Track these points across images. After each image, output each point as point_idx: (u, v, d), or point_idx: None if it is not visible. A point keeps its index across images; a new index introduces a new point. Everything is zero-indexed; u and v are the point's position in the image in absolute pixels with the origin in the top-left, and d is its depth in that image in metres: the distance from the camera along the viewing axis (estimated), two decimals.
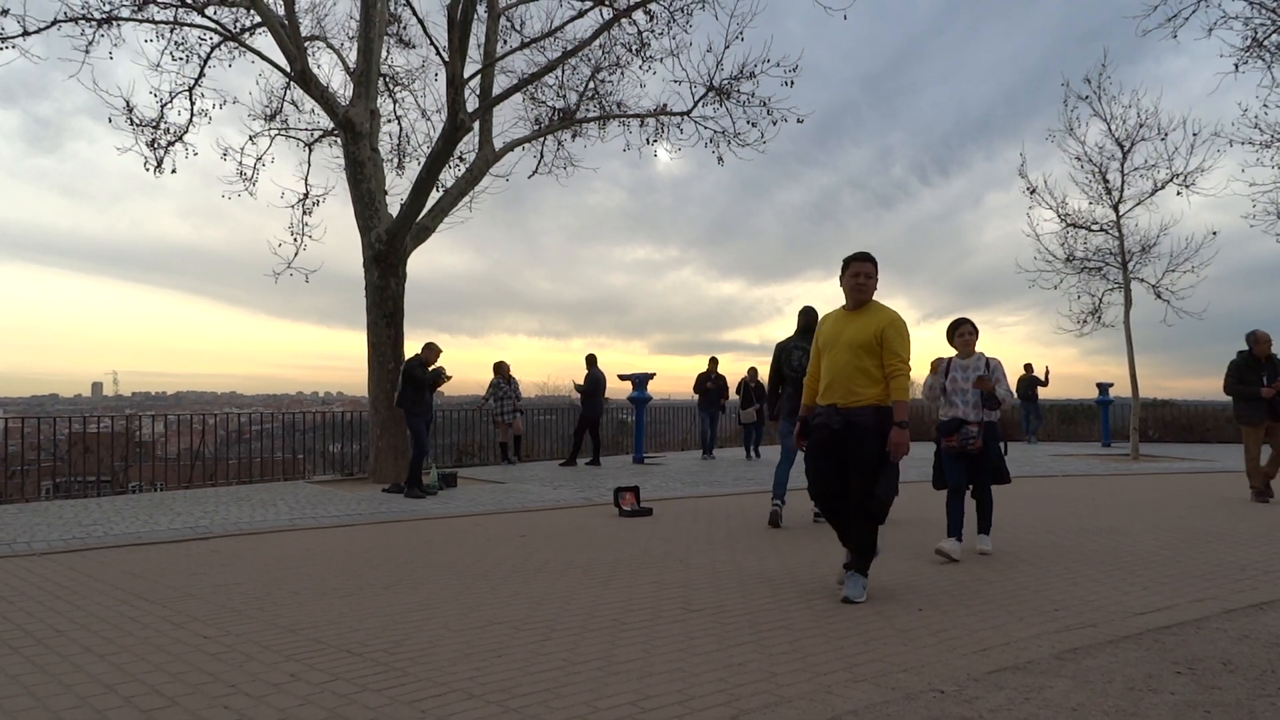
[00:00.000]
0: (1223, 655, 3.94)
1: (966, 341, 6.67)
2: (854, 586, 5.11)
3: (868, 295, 5.28)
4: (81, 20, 12.30)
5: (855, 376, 5.10)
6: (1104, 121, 16.24)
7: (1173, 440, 21.47)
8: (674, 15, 13.71)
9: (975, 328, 6.72)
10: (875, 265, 5.28)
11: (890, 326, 5.13)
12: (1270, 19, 13.13)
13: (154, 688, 3.60)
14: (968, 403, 6.52)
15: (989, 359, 6.61)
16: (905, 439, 4.98)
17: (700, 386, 16.78)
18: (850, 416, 5.09)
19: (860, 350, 5.11)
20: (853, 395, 5.10)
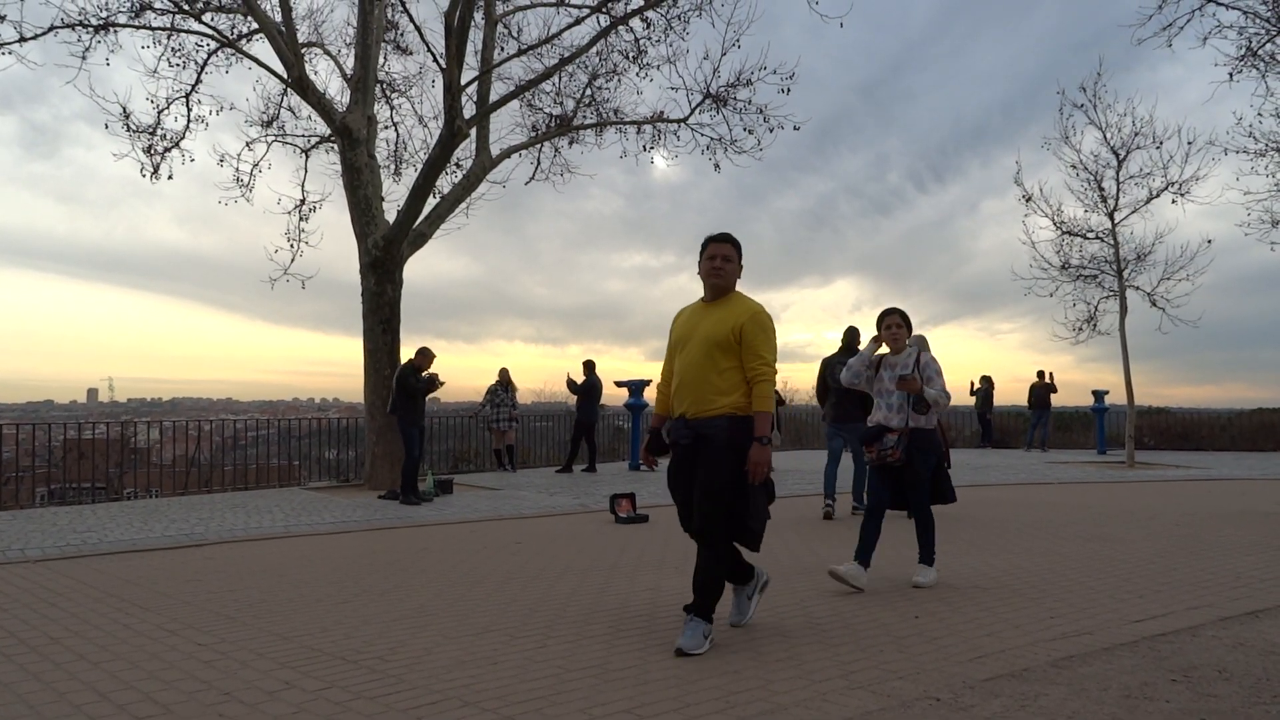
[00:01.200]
0: (1218, 663, 3.94)
1: (895, 335, 5.87)
2: (691, 634, 4.14)
3: (728, 283, 4.43)
4: (78, 26, 12.31)
5: (708, 381, 4.24)
6: (1099, 130, 16.30)
7: (1168, 448, 21.51)
8: (671, 22, 13.76)
9: (907, 319, 5.93)
10: (737, 248, 4.44)
11: (752, 320, 4.26)
12: (1264, 28, 13.20)
13: (148, 695, 3.59)
14: (892, 406, 5.76)
15: (921, 355, 5.82)
16: (766, 457, 4.19)
17: None
18: (700, 429, 4.25)
19: (715, 349, 4.26)
20: (704, 404, 4.25)
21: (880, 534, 5.67)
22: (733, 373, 4.26)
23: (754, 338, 4.25)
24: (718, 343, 4.26)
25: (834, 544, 7.35)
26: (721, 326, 4.28)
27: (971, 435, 22.94)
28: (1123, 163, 16.21)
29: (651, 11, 13.29)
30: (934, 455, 5.78)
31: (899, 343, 5.88)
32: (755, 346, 4.24)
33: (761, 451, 4.19)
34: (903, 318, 5.90)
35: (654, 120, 14.70)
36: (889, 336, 5.87)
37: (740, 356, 4.26)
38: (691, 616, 4.23)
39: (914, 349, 5.85)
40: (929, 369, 5.75)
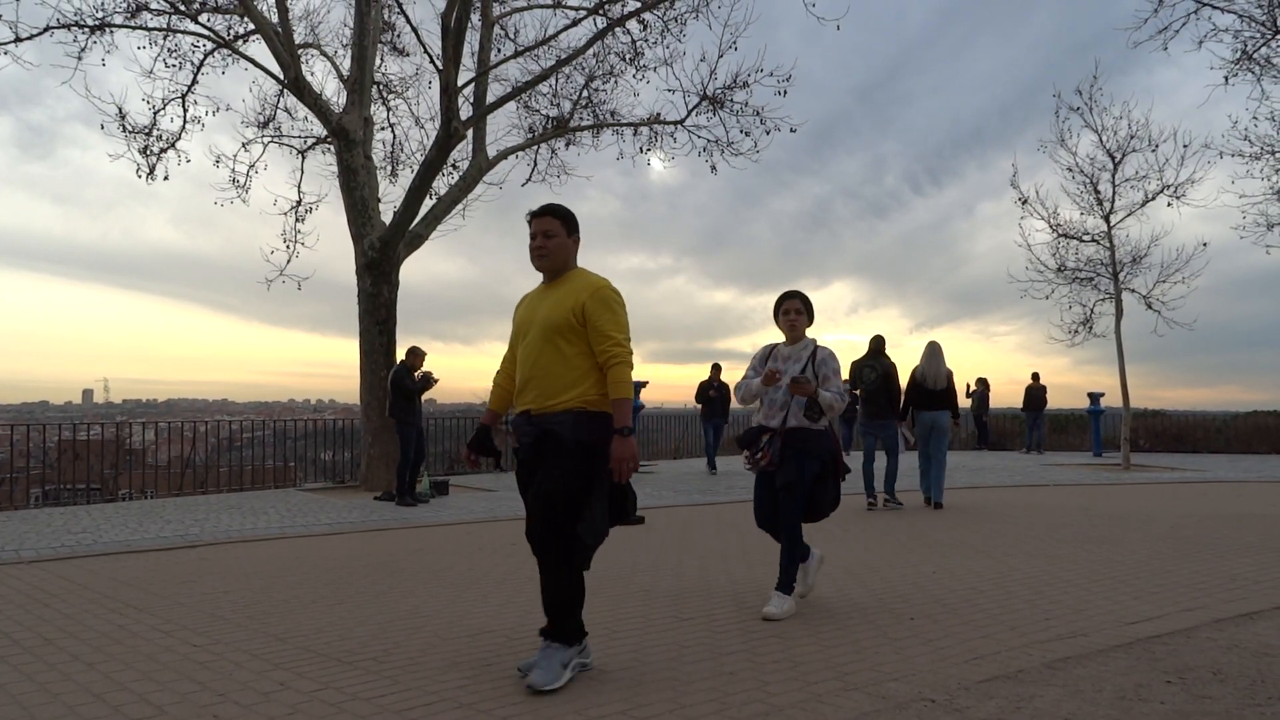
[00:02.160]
0: (1213, 665, 3.95)
1: (793, 323, 5.14)
2: (546, 667, 3.61)
3: (557, 262, 3.89)
4: (74, 26, 12.31)
5: (551, 372, 3.73)
6: (1095, 133, 16.36)
7: (1164, 450, 21.55)
8: (668, 24, 13.79)
9: (807, 305, 5.17)
10: (564, 222, 3.90)
11: (593, 298, 3.74)
12: (1259, 32, 13.24)
13: (142, 696, 3.58)
14: (774, 404, 5.03)
15: (820, 349, 5.09)
16: (631, 451, 3.63)
17: (702, 396, 15.62)
18: (545, 425, 3.72)
19: (556, 335, 3.74)
20: (548, 397, 3.73)
21: None
22: (580, 360, 3.74)
23: (598, 316, 3.72)
24: (557, 327, 3.73)
25: (829, 543, 7.36)
26: (560, 309, 3.75)
27: (968, 437, 22.97)
28: (1119, 166, 16.26)
29: (648, 13, 13.32)
30: (817, 461, 4.94)
31: (796, 332, 5.16)
32: (601, 326, 3.71)
33: (624, 446, 3.62)
34: (804, 303, 5.17)
35: (651, 122, 14.72)
36: (786, 324, 5.17)
37: (587, 341, 3.74)
38: (547, 643, 3.69)
39: (810, 342, 5.14)
40: (825, 366, 5.01)
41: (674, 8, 13.59)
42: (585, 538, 3.67)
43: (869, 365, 10.20)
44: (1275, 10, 13.06)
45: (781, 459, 4.91)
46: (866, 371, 10.20)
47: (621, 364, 3.71)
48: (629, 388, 3.72)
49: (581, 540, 3.67)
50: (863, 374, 10.21)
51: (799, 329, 5.16)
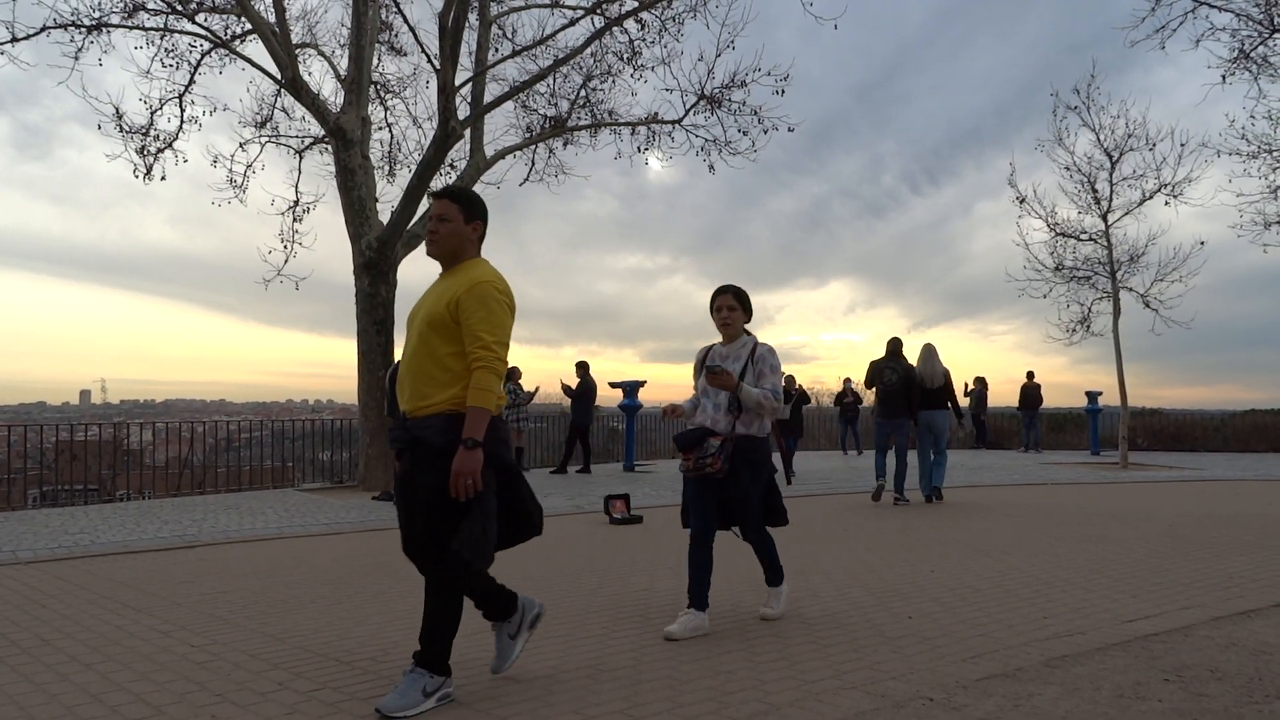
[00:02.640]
0: (1210, 663, 3.95)
1: (725, 320, 4.79)
2: (402, 691, 3.35)
3: (446, 249, 3.56)
4: (71, 27, 12.29)
5: (424, 371, 3.43)
6: (1093, 131, 16.38)
7: (1161, 449, 21.58)
8: (665, 24, 13.79)
9: (742, 300, 4.81)
10: (462, 207, 3.56)
11: (470, 293, 3.39)
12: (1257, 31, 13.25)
13: (140, 696, 3.57)
14: (719, 406, 4.69)
15: (760, 345, 4.74)
16: (473, 465, 3.27)
17: None
18: (415, 430, 3.42)
19: (431, 331, 3.43)
20: (420, 399, 3.43)
21: (713, 565, 4.67)
22: (455, 360, 3.41)
23: (470, 314, 3.37)
24: (433, 323, 3.42)
25: (827, 543, 7.36)
26: (439, 303, 3.44)
27: (965, 436, 22.99)
28: (1116, 165, 16.29)
29: (646, 13, 13.32)
30: (766, 469, 4.73)
31: (731, 329, 4.80)
32: (472, 325, 3.36)
33: (467, 459, 3.27)
34: (738, 298, 4.79)
35: (648, 121, 14.72)
36: (719, 322, 4.81)
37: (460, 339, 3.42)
38: (413, 667, 3.43)
39: (750, 340, 4.79)
40: (763, 363, 4.67)
41: (671, 7, 13.59)
42: (463, 553, 3.30)
43: (889, 366, 10.52)
44: (1272, 9, 13.08)
45: (733, 468, 4.56)
46: (887, 373, 10.52)
47: (486, 369, 3.34)
48: (490, 397, 3.34)
49: (459, 558, 3.31)
50: (883, 375, 10.53)
51: (734, 326, 4.78)
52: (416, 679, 3.38)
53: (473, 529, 3.34)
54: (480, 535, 3.37)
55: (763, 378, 4.66)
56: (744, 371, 4.65)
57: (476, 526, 3.35)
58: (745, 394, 4.55)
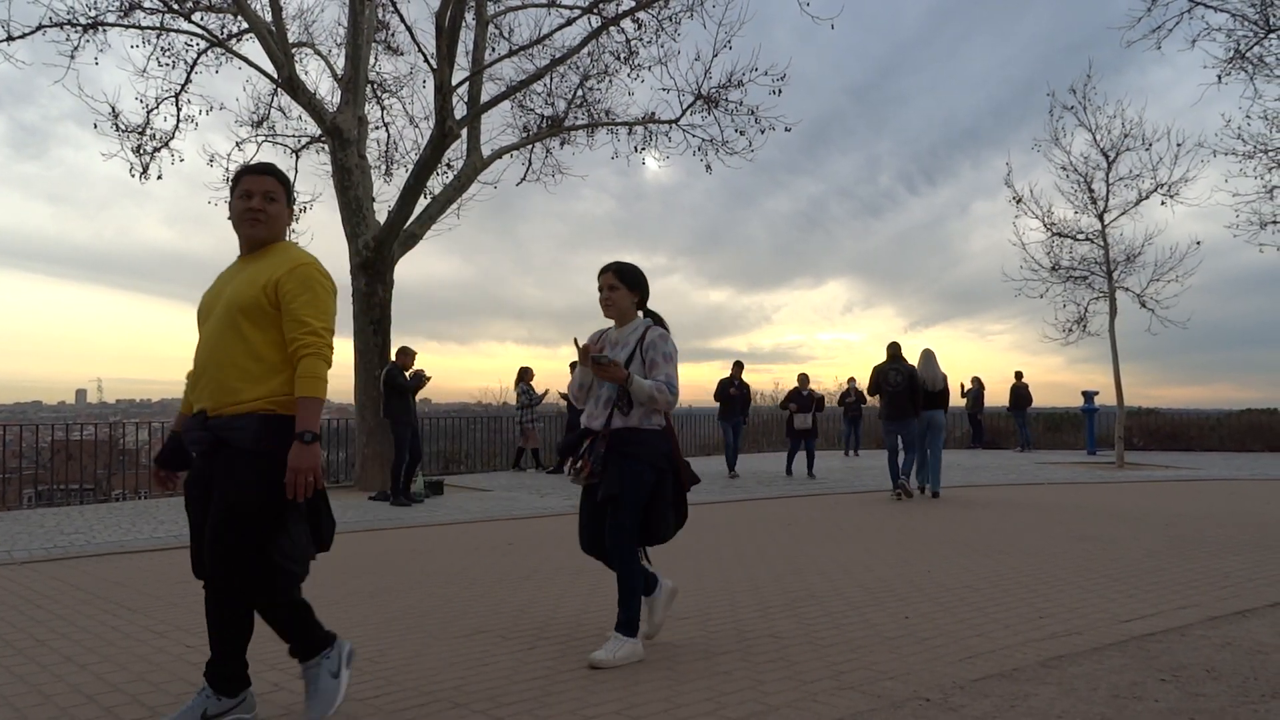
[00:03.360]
0: (1206, 662, 3.96)
1: (606, 301, 4.20)
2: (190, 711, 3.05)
3: (263, 232, 3.19)
4: (67, 25, 12.27)
5: (233, 364, 3.02)
6: (1089, 131, 16.42)
7: (1157, 448, 21.62)
8: (662, 23, 13.78)
9: (626, 278, 4.20)
10: (286, 187, 3.26)
11: (292, 275, 3.08)
12: (1252, 31, 13.27)
13: (135, 698, 3.57)
14: (599, 401, 4.16)
15: (651, 330, 4.15)
16: (311, 461, 2.96)
17: (722, 393, 14.51)
18: (222, 432, 3.01)
19: (241, 318, 3.04)
20: (227, 395, 3.02)
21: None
22: (270, 350, 3.06)
23: (294, 298, 3.05)
24: (244, 308, 3.04)
25: (824, 543, 7.36)
26: (251, 287, 3.08)
27: (962, 436, 23.01)
28: (1112, 164, 16.32)
29: (643, 12, 13.31)
30: (650, 470, 4.03)
31: (615, 310, 4.21)
32: (296, 309, 3.04)
33: (304, 454, 2.94)
34: (620, 276, 4.19)
35: (645, 121, 14.71)
36: (601, 302, 4.22)
37: (281, 328, 3.07)
38: (204, 688, 3.11)
39: (644, 323, 4.22)
40: (653, 350, 4.08)
41: (668, 7, 13.58)
42: (285, 565, 3.00)
43: (894, 369, 11.05)
44: (1268, 9, 13.10)
45: (604, 466, 4.01)
46: (892, 375, 11.03)
47: (315, 356, 3.02)
48: (321, 385, 3.04)
49: (283, 569, 3.01)
50: (889, 376, 11.02)
51: (616, 307, 4.19)
52: (196, 706, 3.06)
53: (294, 537, 3.03)
54: (304, 543, 3.07)
55: (654, 368, 4.05)
56: (630, 359, 4.08)
57: (298, 534, 3.06)
58: (636, 387, 3.98)
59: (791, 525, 8.61)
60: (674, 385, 4.05)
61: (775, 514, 9.55)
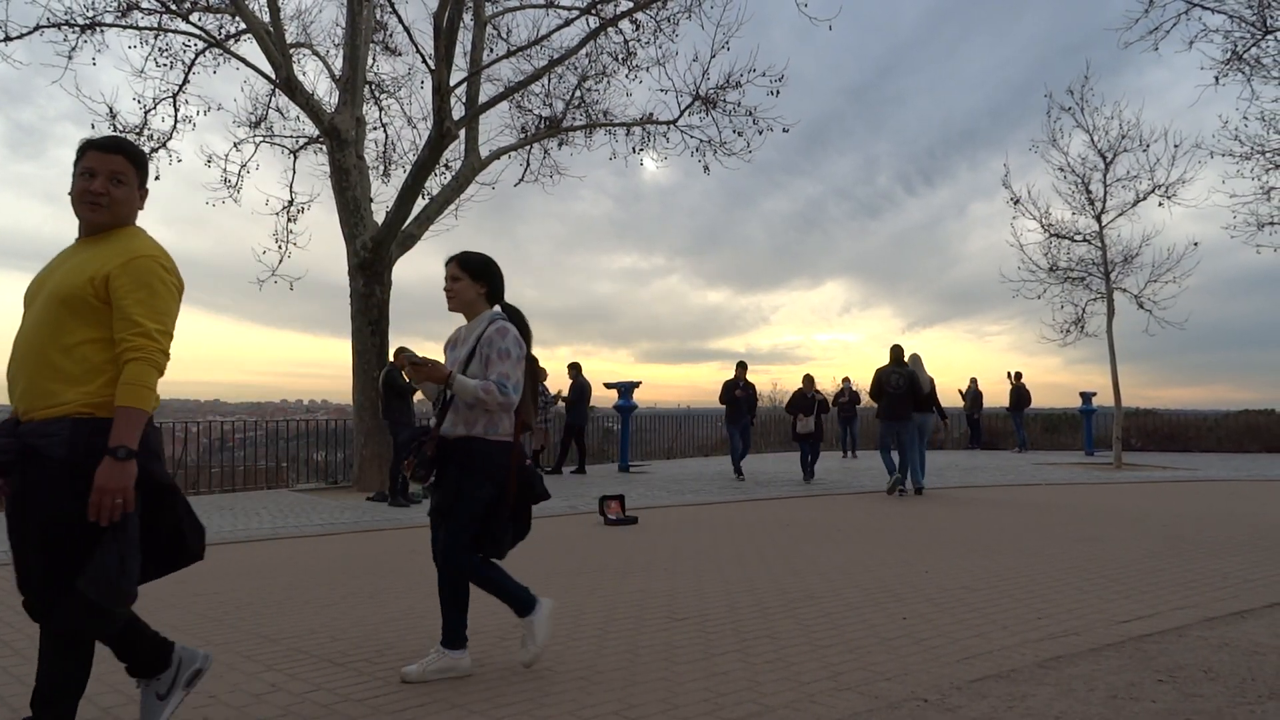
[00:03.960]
0: (1204, 663, 3.96)
1: (449, 292, 3.90)
2: None
3: (106, 217, 2.79)
4: (64, 26, 12.26)
5: (46, 360, 2.64)
6: (1087, 133, 16.44)
7: (1155, 449, 21.63)
8: (660, 25, 13.80)
9: (470, 268, 3.88)
10: (138, 169, 2.87)
11: (127, 267, 2.68)
12: (1249, 32, 13.28)
13: (132, 698, 3.56)
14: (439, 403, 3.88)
15: (491, 324, 3.79)
16: (124, 481, 2.55)
17: (727, 396, 14.16)
18: (32, 438, 2.61)
19: (63, 308, 2.66)
20: (38, 398, 2.64)
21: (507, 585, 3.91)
22: (92, 350, 2.66)
23: (127, 294, 2.65)
24: (68, 300, 2.65)
25: (822, 543, 7.36)
26: (77, 276, 2.68)
27: (960, 437, 23.03)
28: (1110, 165, 16.34)
29: (641, 13, 13.32)
30: (487, 484, 3.74)
31: (458, 303, 3.90)
32: (127, 308, 2.64)
33: (116, 471, 2.54)
34: (464, 265, 3.89)
35: (643, 122, 14.72)
36: (446, 293, 3.92)
37: (110, 325, 2.67)
38: (139, 683, 2.97)
39: (490, 315, 3.87)
40: (489, 346, 3.72)
41: (666, 8, 13.60)
42: (90, 593, 2.53)
43: (895, 372, 11.63)
44: (1265, 11, 13.11)
45: (440, 475, 3.76)
46: (895, 378, 11.60)
47: (143, 361, 2.62)
48: (147, 395, 2.62)
49: (85, 600, 2.54)
50: (891, 379, 11.58)
51: (459, 299, 3.87)
52: None
53: (106, 563, 2.55)
54: (116, 570, 2.57)
55: (489, 365, 3.69)
56: (472, 357, 3.75)
57: (112, 560, 2.56)
58: (458, 386, 3.64)
59: (790, 526, 8.61)
60: (506, 385, 3.68)
61: (773, 515, 9.55)
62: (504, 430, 3.80)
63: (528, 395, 3.95)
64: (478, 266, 3.91)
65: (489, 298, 3.94)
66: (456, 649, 3.83)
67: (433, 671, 3.74)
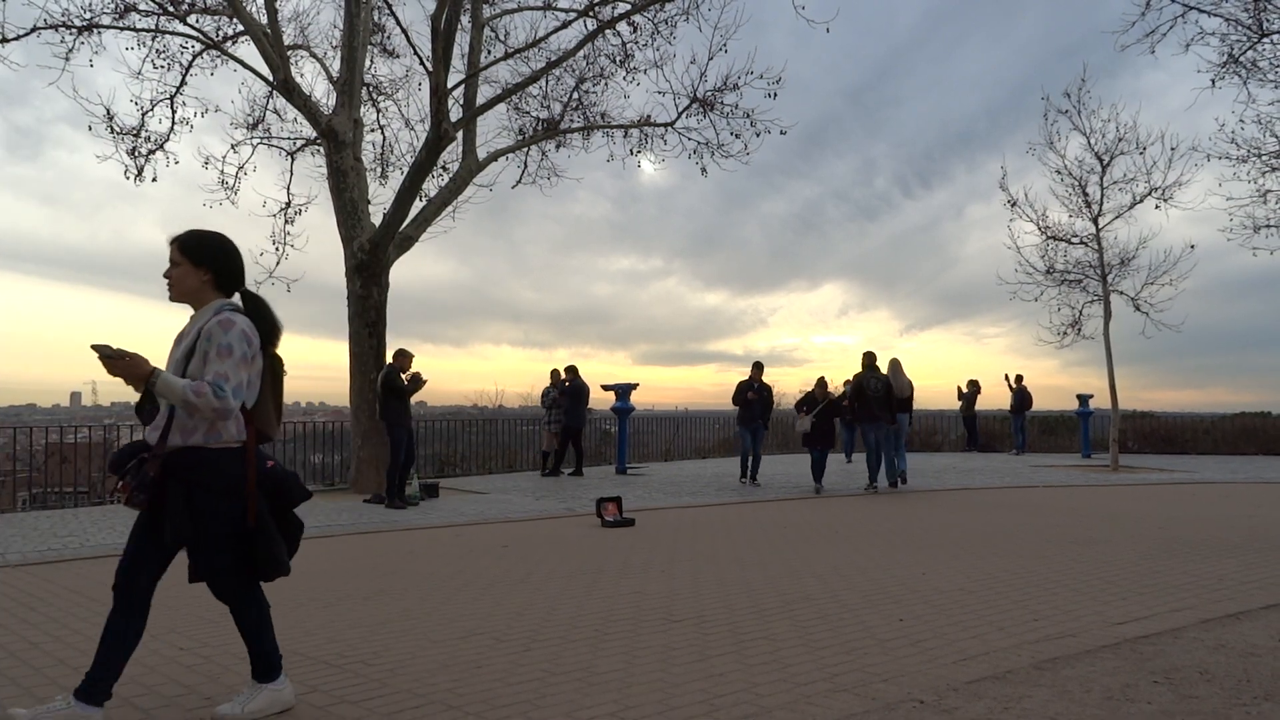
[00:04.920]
0: (1200, 665, 3.97)
1: (170, 280, 3.32)
2: None
3: None
4: (61, 27, 12.24)
5: None
6: (1084, 135, 16.46)
7: (1152, 451, 21.64)
8: (658, 27, 13.79)
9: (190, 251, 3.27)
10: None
11: None
12: (1245, 36, 13.31)
13: (129, 700, 3.56)
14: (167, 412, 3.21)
15: (214, 317, 3.22)
16: None
17: (741, 398, 13.61)
18: None
19: None
20: None
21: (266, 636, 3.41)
22: None
23: None
24: None
25: (819, 544, 7.37)
26: None
27: (957, 439, 23.03)
28: (1107, 168, 16.35)
29: (638, 16, 13.32)
30: (226, 499, 3.21)
31: (177, 292, 3.31)
32: None
33: None
34: (183, 248, 3.28)
35: (641, 124, 14.71)
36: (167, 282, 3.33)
37: None
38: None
39: (216, 308, 3.27)
40: (208, 342, 3.16)
41: (664, 10, 13.60)
42: None
43: (873, 376, 12.34)
44: (1261, 14, 13.14)
45: (164, 495, 3.12)
46: (873, 382, 12.31)
47: None
48: None
49: None
50: (869, 384, 12.28)
51: (178, 287, 3.30)
52: None
53: None
54: None
55: (208, 362, 3.14)
56: (191, 354, 3.19)
57: None
58: (162, 385, 3.05)
59: (787, 528, 8.61)
60: (224, 386, 3.08)
61: (770, 517, 9.55)
62: (230, 437, 3.22)
63: (267, 402, 3.38)
64: (200, 249, 3.28)
65: (218, 286, 3.31)
66: (268, 680, 3.37)
67: (252, 710, 3.29)
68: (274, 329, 3.38)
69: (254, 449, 3.31)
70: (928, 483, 13.45)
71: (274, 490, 3.37)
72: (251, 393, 3.26)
